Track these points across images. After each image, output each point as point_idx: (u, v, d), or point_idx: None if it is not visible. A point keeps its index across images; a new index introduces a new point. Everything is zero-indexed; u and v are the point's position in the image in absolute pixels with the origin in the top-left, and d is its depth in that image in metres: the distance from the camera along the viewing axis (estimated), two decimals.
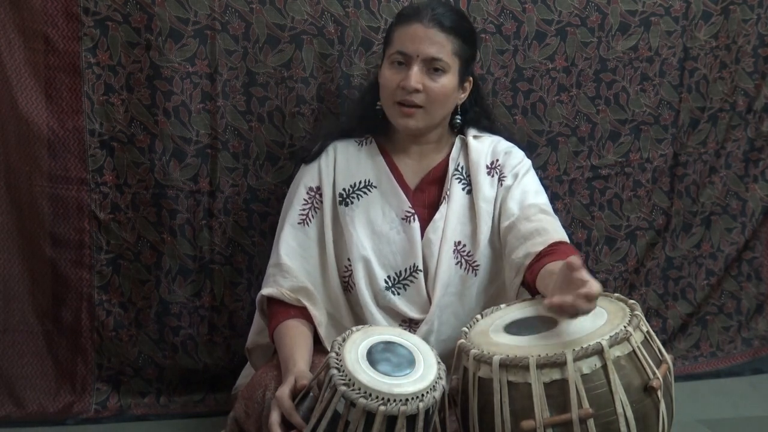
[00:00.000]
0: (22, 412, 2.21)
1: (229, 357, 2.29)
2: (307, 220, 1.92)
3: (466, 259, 1.89)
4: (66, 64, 2.14)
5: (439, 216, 1.90)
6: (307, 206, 1.93)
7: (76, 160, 2.18)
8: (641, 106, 2.41)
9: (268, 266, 1.92)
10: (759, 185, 2.54)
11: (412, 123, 1.88)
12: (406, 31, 1.86)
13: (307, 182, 1.95)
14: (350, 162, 1.95)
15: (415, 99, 1.85)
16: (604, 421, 1.44)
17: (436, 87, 1.85)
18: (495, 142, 1.99)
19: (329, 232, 1.91)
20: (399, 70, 1.86)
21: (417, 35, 1.85)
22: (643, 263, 2.49)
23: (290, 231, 1.91)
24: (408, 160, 1.96)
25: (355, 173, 1.94)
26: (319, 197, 1.93)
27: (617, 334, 1.48)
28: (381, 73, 1.92)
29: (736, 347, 2.56)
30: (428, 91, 1.85)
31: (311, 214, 1.92)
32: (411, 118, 1.87)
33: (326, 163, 1.95)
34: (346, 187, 1.93)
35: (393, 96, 1.87)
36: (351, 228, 1.89)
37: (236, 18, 2.16)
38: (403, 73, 1.85)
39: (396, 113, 1.88)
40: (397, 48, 1.87)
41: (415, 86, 1.83)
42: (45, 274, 2.22)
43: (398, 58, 1.86)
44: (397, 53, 1.87)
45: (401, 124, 1.89)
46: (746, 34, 2.44)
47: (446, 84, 1.86)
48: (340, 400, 1.45)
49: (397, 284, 1.89)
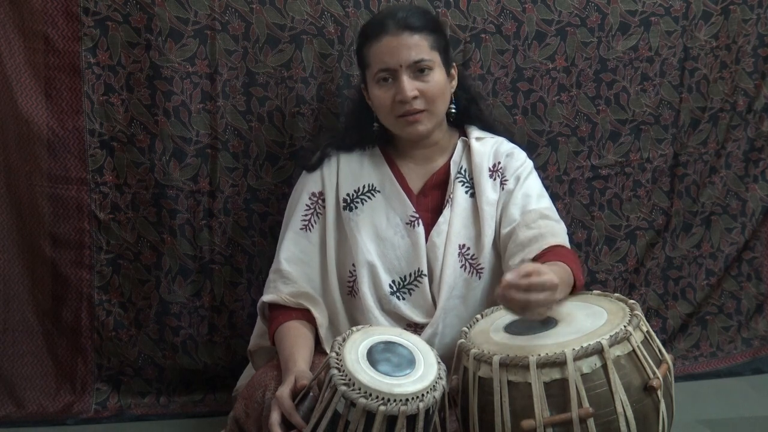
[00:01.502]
0: (22, 412, 2.21)
1: (229, 357, 2.29)
2: (309, 226, 1.92)
3: (471, 262, 1.89)
4: (66, 64, 2.14)
5: (443, 220, 1.90)
6: (310, 211, 1.92)
7: (76, 160, 2.18)
8: (641, 106, 2.41)
9: (270, 272, 1.92)
10: (759, 185, 2.54)
11: (421, 128, 1.88)
12: (379, 47, 1.85)
13: (309, 188, 1.94)
14: (353, 167, 1.95)
15: (415, 105, 1.84)
16: (604, 421, 1.44)
17: (429, 87, 1.85)
18: (497, 143, 1.99)
19: (331, 237, 1.90)
20: (389, 87, 1.85)
21: (391, 46, 1.84)
22: (643, 263, 2.49)
23: (292, 236, 1.91)
24: (411, 164, 1.96)
25: (358, 178, 1.94)
26: (322, 202, 1.93)
27: (617, 333, 1.48)
28: (371, 95, 1.90)
29: (736, 347, 2.56)
30: (424, 93, 1.85)
31: (314, 219, 1.92)
32: (418, 123, 1.87)
33: (329, 169, 1.94)
34: (350, 192, 1.92)
35: (393, 112, 1.87)
36: (356, 233, 1.89)
37: (236, 18, 2.16)
38: (393, 88, 1.85)
39: (401, 125, 1.88)
40: (378, 66, 1.86)
41: (412, 94, 1.83)
42: (45, 274, 2.22)
43: (383, 75, 1.86)
44: (380, 71, 1.86)
45: (410, 132, 1.89)
46: (746, 34, 2.44)
47: (438, 80, 1.86)
48: (340, 400, 1.45)
49: (402, 289, 1.89)
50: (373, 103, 1.91)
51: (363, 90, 1.96)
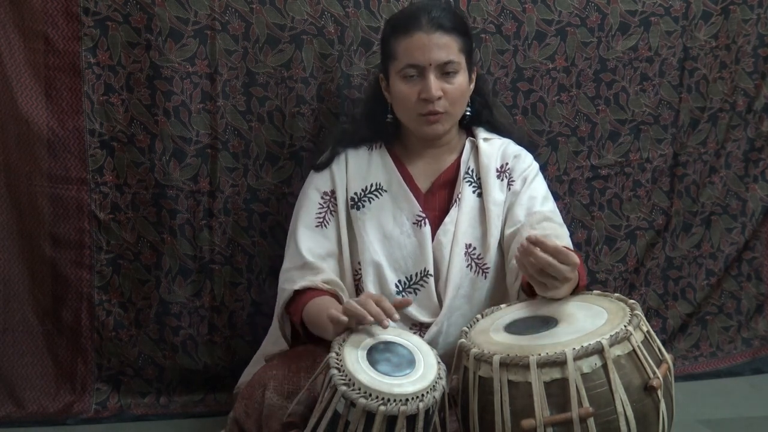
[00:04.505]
0: (22, 412, 2.21)
1: (229, 357, 2.29)
2: (324, 223, 1.92)
3: (477, 262, 1.89)
4: (66, 64, 2.14)
5: (450, 219, 1.91)
6: (324, 210, 1.92)
7: (76, 160, 2.18)
8: (641, 106, 2.41)
9: (287, 270, 1.89)
10: (759, 185, 2.54)
11: (440, 128, 1.89)
12: (410, 42, 1.86)
13: (320, 187, 1.94)
14: (361, 166, 1.95)
15: (438, 108, 1.86)
16: (604, 420, 1.44)
17: (453, 89, 1.86)
18: (504, 145, 2.00)
19: (344, 235, 1.91)
20: (414, 83, 1.86)
21: (423, 44, 1.84)
22: (643, 263, 2.49)
23: (307, 233, 1.90)
24: (419, 163, 1.97)
25: (366, 177, 1.94)
26: (334, 201, 1.93)
27: (617, 333, 1.48)
28: (393, 89, 1.90)
29: (736, 347, 2.56)
30: (448, 95, 1.86)
31: (328, 217, 1.92)
32: (438, 124, 1.88)
33: (338, 168, 1.95)
34: (357, 191, 1.93)
35: (416, 110, 1.87)
36: (363, 232, 1.90)
37: (236, 18, 2.16)
38: (419, 85, 1.85)
39: (421, 123, 1.89)
40: (406, 62, 1.86)
41: (437, 95, 1.84)
42: (45, 274, 2.22)
43: (410, 72, 1.86)
44: (408, 67, 1.86)
45: (428, 132, 1.90)
46: (746, 34, 2.44)
47: (462, 83, 1.88)
48: (340, 400, 1.45)
49: (408, 288, 1.89)
50: (394, 97, 1.91)
51: (381, 80, 1.97)
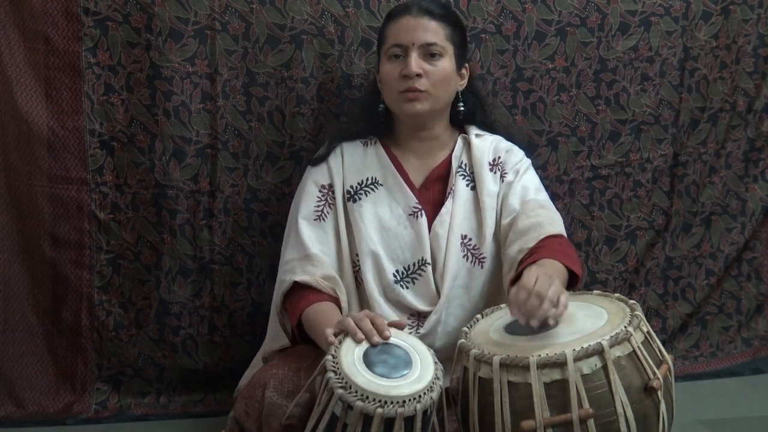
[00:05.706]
0: (22, 412, 2.21)
1: (229, 357, 2.29)
2: (323, 216, 1.93)
3: (473, 252, 1.92)
4: (66, 64, 2.14)
5: (445, 210, 1.93)
6: (322, 203, 1.94)
7: (76, 160, 2.18)
8: (641, 106, 2.41)
9: (288, 261, 1.90)
10: (759, 185, 2.54)
11: (419, 106, 1.90)
12: (398, 24, 1.93)
13: (318, 180, 1.96)
14: (356, 160, 1.98)
15: (418, 85, 1.88)
16: (604, 422, 1.44)
17: (436, 70, 1.90)
18: (496, 140, 2.04)
19: (342, 227, 1.93)
20: (398, 63, 1.91)
21: (410, 25, 1.91)
22: (643, 263, 2.49)
23: (307, 226, 1.92)
24: (412, 158, 1.99)
25: (361, 171, 1.97)
26: (332, 194, 1.95)
27: (618, 334, 1.48)
28: (381, 70, 1.96)
29: (736, 347, 2.56)
30: (429, 75, 1.89)
31: (326, 210, 1.94)
32: (417, 102, 1.90)
33: (335, 162, 1.97)
34: (353, 185, 1.95)
35: (396, 87, 1.91)
36: (360, 223, 1.91)
37: (236, 18, 2.16)
38: (402, 64, 1.90)
39: (401, 100, 1.91)
40: (391, 42, 1.92)
41: (416, 70, 1.87)
42: (45, 274, 2.22)
43: (395, 51, 1.91)
44: (393, 47, 1.92)
45: (408, 109, 1.91)
46: (746, 34, 2.44)
47: (445, 66, 1.91)
48: (338, 403, 1.45)
49: (406, 278, 1.91)
50: (381, 80, 1.96)
51: (377, 73, 2.01)
